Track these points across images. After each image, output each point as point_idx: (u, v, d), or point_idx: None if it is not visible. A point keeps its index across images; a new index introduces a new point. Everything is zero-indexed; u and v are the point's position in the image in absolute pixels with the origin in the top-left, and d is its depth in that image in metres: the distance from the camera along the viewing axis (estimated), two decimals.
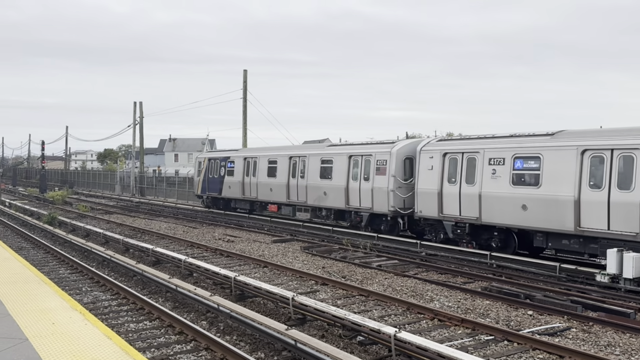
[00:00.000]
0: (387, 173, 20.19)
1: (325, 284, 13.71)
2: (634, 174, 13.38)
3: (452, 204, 17.74)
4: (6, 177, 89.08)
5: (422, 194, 18.75)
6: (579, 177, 14.38)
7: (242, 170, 28.54)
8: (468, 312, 11.27)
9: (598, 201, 13.97)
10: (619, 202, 13.54)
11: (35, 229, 24.94)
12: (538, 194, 15.26)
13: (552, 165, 15.04)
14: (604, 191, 13.93)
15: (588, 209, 14.16)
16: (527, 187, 15.64)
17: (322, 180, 23.17)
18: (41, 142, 58.59)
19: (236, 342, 9.29)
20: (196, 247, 19.81)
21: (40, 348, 6.66)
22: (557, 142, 15.21)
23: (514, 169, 16.02)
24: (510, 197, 15.96)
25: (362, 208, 21.32)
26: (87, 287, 13.44)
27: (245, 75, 42.91)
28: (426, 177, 18.62)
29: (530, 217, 15.44)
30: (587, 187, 14.28)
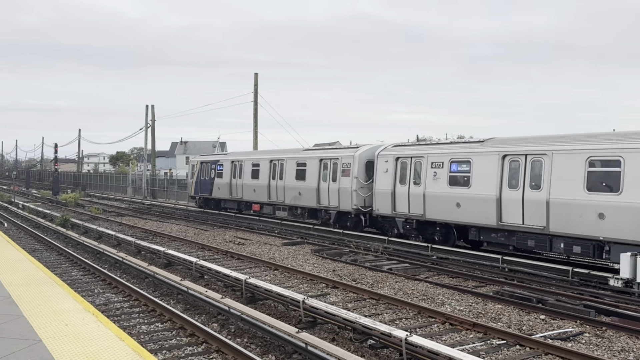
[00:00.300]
0: (351, 175, 22.48)
1: (335, 287, 13.71)
2: (542, 176, 15.40)
3: (402, 202, 19.96)
4: (20, 180, 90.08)
5: (378, 193, 21.01)
6: (500, 179, 16.48)
7: (229, 172, 30.97)
8: (480, 316, 11.21)
9: (515, 199, 16.06)
10: (531, 200, 15.60)
11: (48, 231, 25.18)
12: (469, 193, 17.40)
13: (480, 168, 17.14)
14: (519, 190, 15.98)
15: (507, 206, 16.24)
16: (460, 188, 17.78)
17: (298, 182, 25.40)
18: (54, 145, 59.19)
19: (247, 344, 9.31)
20: (207, 250, 19.89)
21: (53, 349, 6.73)
22: (484, 149, 17.39)
23: (451, 172, 18.15)
24: (447, 196, 18.13)
25: (331, 207, 23.58)
26: (100, 288, 13.54)
27: (256, 79, 43.08)
28: (382, 179, 20.80)
29: (464, 213, 17.54)
30: (507, 187, 16.34)
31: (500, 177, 16.44)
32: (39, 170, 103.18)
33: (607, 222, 13.81)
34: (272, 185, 27.26)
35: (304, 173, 25.10)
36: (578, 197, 14.47)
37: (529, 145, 16.13)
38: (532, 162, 15.75)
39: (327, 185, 23.66)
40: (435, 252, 18.36)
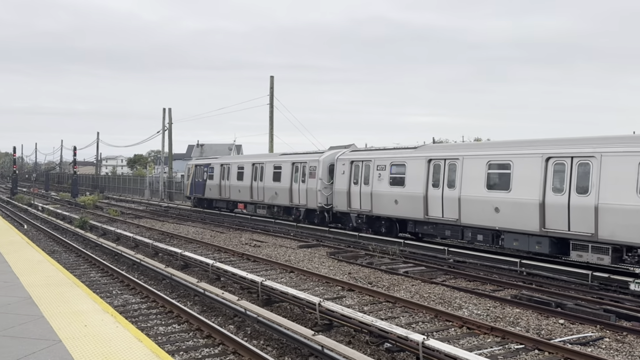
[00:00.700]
0: (317, 177, 25.49)
1: (351, 290, 13.68)
2: (456, 177, 18.42)
3: (356, 200, 23.05)
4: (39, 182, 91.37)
5: (337, 192, 24.22)
6: (426, 179, 19.57)
7: (219, 175, 34.13)
8: (497, 320, 11.11)
9: (437, 196, 19.11)
10: (447, 197, 18.69)
11: (67, 233, 25.50)
12: (404, 192, 20.49)
13: (412, 170, 20.28)
14: (439, 189, 19.05)
15: (432, 202, 19.32)
16: (398, 187, 20.82)
17: (275, 183, 28.53)
18: (73, 148, 59.92)
19: (263, 346, 9.33)
20: (223, 252, 19.98)
21: (73, 350, 6.81)
22: (415, 154, 20.48)
23: (391, 173, 21.25)
24: (389, 195, 21.14)
25: (301, 205, 26.69)
26: (118, 290, 13.68)
27: (272, 81, 43.24)
28: (340, 180, 23.99)
29: (401, 209, 20.73)
30: (431, 186, 19.45)
31: (426, 177, 19.56)
32: (58, 172, 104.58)
33: (501, 215, 16.72)
34: (254, 186, 30.43)
35: (279, 175, 28.15)
36: (480, 194, 17.45)
37: (448, 151, 19.44)
38: (449, 165, 18.78)
39: (298, 186, 26.78)
40: (452, 255, 18.24)
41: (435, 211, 19.12)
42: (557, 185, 15.36)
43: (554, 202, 15.26)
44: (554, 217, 15.24)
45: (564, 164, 15.27)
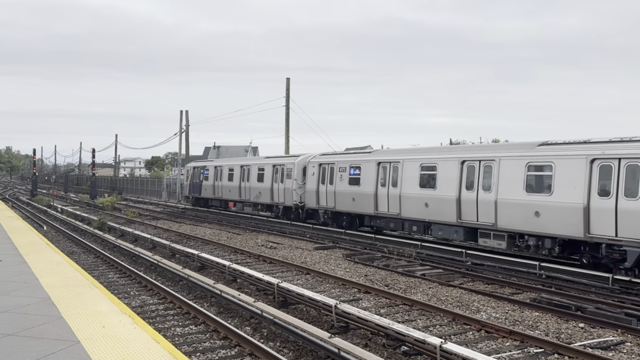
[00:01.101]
0: (292, 178, 28.67)
1: (368, 292, 13.62)
2: (398, 177, 21.83)
3: (323, 198, 26.32)
4: (58, 184, 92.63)
5: (307, 191, 27.53)
6: (376, 179, 22.65)
7: (213, 176, 37.65)
8: (516, 323, 10.97)
9: (384, 194, 22.28)
10: (391, 194, 21.98)
11: (86, 234, 25.79)
12: (360, 190, 23.60)
13: (366, 172, 23.45)
14: (386, 187, 22.23)
15: (380, 199, 22.48)
16: (355, 186, 23.97)
17: (259, 183, 31.93)
18: (92, 150, 60.70)
19: (279, 348, 9.32)
20: (240, 253, 20.04)
21: (91, 350, 6.86)
22: (368, 157, 23.83)
23: (350, 175, 24.40)
24: (348, 193, 24.42)
25: (279, 203, 30.08)
26: (135, 291, 13.78)
27: (288, 83, 43.34)
28: (310, 181, 27.25)
29: (357, 205, 23.86)
30: (380, 185, 22.53)
31: (376, 177, 22.64)
32: (77, 174, 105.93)
33: (429, 209, 19.92)
34: (241, 186, 33.83)
35: (262, 176, 31.59)
36: (414, 192, 20.79)
37: (393, 155, 22.75)
38: (393, 167, 21.98)
39: (278, 185, 30.10)
40: (469, 257, 18.08)
41: (383, 207, 22.45)
42: (469, 184, 18.46)
43: (466, 198, 18.48)
44: (467, 210, 18.42)
45: (474, 167, 18.38)
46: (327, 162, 26.09)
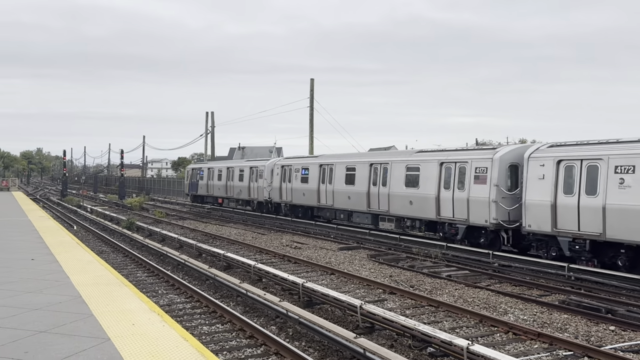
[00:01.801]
0: (263, 177, 34.15)
1: (393, 293, 13.58)
2: (332, 176, 26.94)
3: (283, 194, 31.91)
4: (88, 184, 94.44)
5: (273, 189, 32.82)
6: (318, 178, 28.08)
7: (207, 176, 43.26)
8: (545, 326, 10.81)
9: (323, 190, 27.68)
10: (328, 190, 27.40)
11: (115, 234, 26.26)
12: (307, 187, 29.59)
13: (312, 172, 29.01)
14: (325, 185, 27.64)
15: (321, 194, 27.97)
16: (305, 184, 29.66)
17: (239, 182, 37.53)
18: (120, 151, 61.76)
19: (305, 348, 9.36)
20: (265, 253, 20.16)
21: (121, 348, 6.99)
22: (314, 161, 29.37)
23: (302, 174, 30.20)
24: (300, 189, 30.55)
25: (254, 198, 35.90)
26: (163, 289, 13.99)
27: (312, 84, 43.44)
28: (275, 180, 32.78)
29: (306, 199, 29.71)
30: (320, 182, 27.86)
31: (319, 177, 28.17)
32: (106, 175, 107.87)
33: (351, 200, 25.43)
34: (227, 185, 39.30)
35: (242, 176, 37.24)
36: (342, 188, 25.98)
37: (330, 159, 28.46)
38: (330, 168, 27.47)
39: (254, 184, 35.67)
40: (496, 259, 17.87)
41: (323, 200, 27.76)
42: (374, 180, 24.20)
43: (373, 192, 24.15)
44: (373, 201, 24.14)
45: (377, 168, 24.07)
46: (287, 164, 31.50)
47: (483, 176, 18.72)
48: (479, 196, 18.70)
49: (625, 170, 14.55)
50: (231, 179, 38.75)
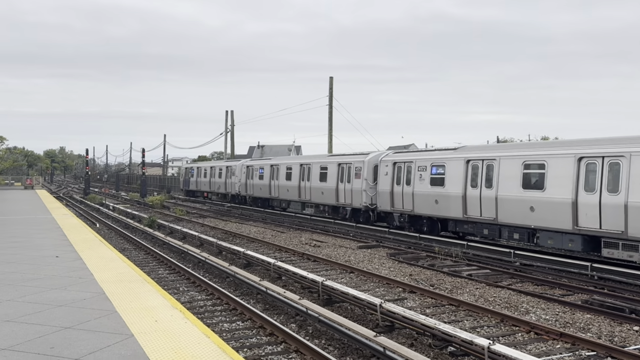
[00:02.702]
0: (237, 174, 41.51)
1: (413, 291, 13.54)
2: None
3: (250, 188, 37.90)
4: (110, 182, 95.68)
5: (235, 184, 40.75)
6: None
7: (195, 174, 52.03)
8: (567, 325, 10.68)
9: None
10: (275, 185, 34.32)
11: (137, 231, 26.60)
12: (290, 184, 32.90)
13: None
14: (277, 180, 33.66)
15: (273, 188, 33.58)
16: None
17: (219, 179, 45.61)
18: (142, 150, 62.45)
19: (325, 346, 9.40)
20: (284, 251, 20.25)
21: (144, 344, 7.10)
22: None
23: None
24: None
25: (230, 192, 43.50)
26: (185, 287, 14.14)
27: (331, 82, 43.40)
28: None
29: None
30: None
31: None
32: (128, 173, 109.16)
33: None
34: (211, 181, 46.74)
35: (221, 174, 44.74)
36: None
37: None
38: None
39: (226, 180, 43.11)
40: (518, 258, 17.69)
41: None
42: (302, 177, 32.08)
43: (302, 185, 31.92)
44: (302, 193, 32.29)
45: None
46: (250, 165, 33.16)
47: (359, 173, 26.59)
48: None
49: (423, 169, 22.40)
50: (213, 176, 46.09)
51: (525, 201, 17.54)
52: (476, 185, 19.69)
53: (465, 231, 20.91)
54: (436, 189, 21.62)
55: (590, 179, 15.75)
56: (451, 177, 20.87)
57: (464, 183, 20.17)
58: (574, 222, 15.92)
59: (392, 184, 24.29)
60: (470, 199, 19.87)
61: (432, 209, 21.92)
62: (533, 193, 17.30)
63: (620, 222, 14.77)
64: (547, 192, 16.76)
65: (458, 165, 20.60)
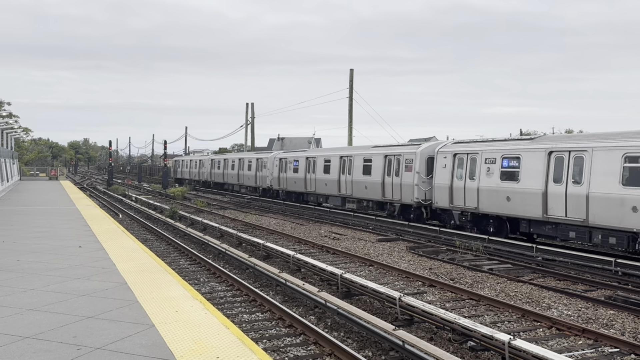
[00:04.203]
0: (204, 166, 54.12)
1: (432, 285, 13.46)
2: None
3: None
4: (132, 174, 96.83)
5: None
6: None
7: (181, 165, 63.81)
8: (590, 321, 10.52)
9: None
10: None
11: (158, 222, 26.91)
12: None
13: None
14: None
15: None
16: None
17: (195, 169, 56.52)
18: (164, 142, 63.00)
19: (343, 338, 9.40)
20: (303, 244, 20.29)
21: (165, 334, 7.18)
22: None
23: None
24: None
25: (200, 179, 54.81)
26: (205, 277, 14.27)
27: (351, 74, 43.21)
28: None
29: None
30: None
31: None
32: (150, 165, 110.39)
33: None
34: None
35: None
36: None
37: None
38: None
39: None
40: (540, 252, 17.46)
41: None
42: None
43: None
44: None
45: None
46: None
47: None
48: None
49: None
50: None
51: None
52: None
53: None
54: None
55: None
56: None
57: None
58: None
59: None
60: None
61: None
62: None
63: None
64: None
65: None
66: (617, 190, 15.52)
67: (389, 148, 27.20)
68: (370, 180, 27.48)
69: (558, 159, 17.54)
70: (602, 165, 16.08)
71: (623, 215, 15.28)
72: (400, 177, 25.23)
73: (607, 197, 15.79)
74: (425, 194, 23.81)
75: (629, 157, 15.37)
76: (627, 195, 15.25)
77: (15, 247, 14.44)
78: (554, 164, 17.66)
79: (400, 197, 25.23)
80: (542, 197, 17.71)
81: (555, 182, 17.46)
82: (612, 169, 15.72)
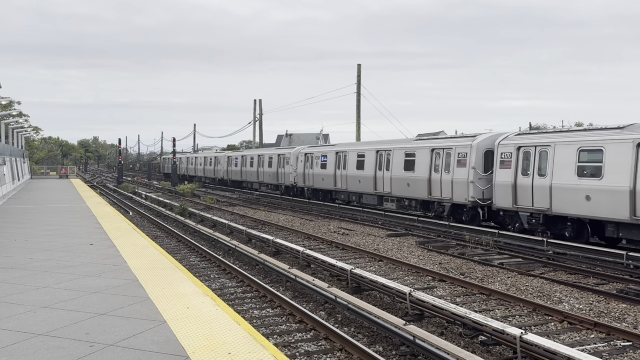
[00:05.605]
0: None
1: (442, 280, 13.44)
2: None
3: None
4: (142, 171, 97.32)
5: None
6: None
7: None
8: (601, 315, 10.46)
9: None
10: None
11: (168, 219, 27.04)
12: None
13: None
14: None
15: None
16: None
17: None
18: (172, 139, 63.27)
19: (354, 333, 9.41)
20: (313, 239, 20.31)
21: (177, 330, 7.22)
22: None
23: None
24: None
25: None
26: (215, 274, 14.33)
27: (359, 70, 43.10)
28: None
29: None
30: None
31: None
32: (159, 162, 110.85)
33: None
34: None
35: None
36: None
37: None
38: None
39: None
40: (551, 246, 17.36)
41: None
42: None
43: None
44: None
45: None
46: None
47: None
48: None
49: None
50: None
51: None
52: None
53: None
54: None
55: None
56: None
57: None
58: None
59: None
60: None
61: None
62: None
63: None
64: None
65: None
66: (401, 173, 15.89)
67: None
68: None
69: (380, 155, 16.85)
70: (616, 159, 15.50)
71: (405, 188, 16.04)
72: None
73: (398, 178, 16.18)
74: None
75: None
76: (404, 176, 16.03)
77: (28, 245, 14.57)
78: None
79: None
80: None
81: (379, 170, 16.94)
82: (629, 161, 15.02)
